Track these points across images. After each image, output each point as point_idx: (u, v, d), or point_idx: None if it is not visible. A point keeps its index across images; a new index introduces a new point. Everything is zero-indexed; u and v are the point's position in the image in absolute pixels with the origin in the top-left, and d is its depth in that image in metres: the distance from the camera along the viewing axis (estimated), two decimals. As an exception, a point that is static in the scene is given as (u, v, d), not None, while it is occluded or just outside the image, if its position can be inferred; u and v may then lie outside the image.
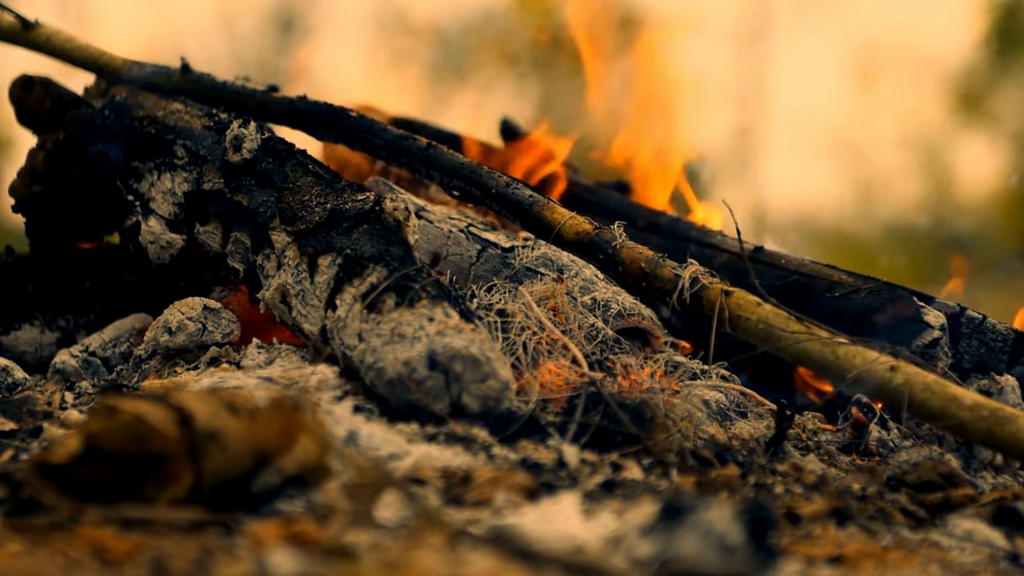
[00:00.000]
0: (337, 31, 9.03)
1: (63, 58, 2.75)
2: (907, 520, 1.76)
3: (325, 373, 1.98)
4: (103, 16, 7.53)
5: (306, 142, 2.50)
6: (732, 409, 2.20)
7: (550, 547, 1.38)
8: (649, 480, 1.79)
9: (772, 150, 9.17)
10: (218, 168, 2.35)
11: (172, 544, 1.31)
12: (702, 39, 6.95)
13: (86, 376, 2.39)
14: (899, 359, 1.93)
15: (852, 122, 9.72)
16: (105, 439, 1.40)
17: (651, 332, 2.36)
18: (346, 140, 2.54)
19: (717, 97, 5.74)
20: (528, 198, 2.35)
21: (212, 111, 2.51)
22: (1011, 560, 1.62)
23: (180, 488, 1.40)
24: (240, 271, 2.30)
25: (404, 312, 1.94)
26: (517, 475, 1.67)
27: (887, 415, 2.26)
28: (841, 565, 1.51)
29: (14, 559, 1.25)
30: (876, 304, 2.44)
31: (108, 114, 2.53)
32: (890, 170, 9.45)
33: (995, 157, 9.76)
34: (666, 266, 2.19)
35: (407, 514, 1.46)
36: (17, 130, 2.72)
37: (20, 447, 1.85)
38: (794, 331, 2.01)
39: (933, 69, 9.87)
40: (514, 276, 2.36)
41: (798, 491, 1.83)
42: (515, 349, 2.08)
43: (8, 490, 1.48)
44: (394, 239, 2.10)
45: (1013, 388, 2.35)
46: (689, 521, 1.31)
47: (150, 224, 2.41)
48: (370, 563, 1.29)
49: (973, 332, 2.46)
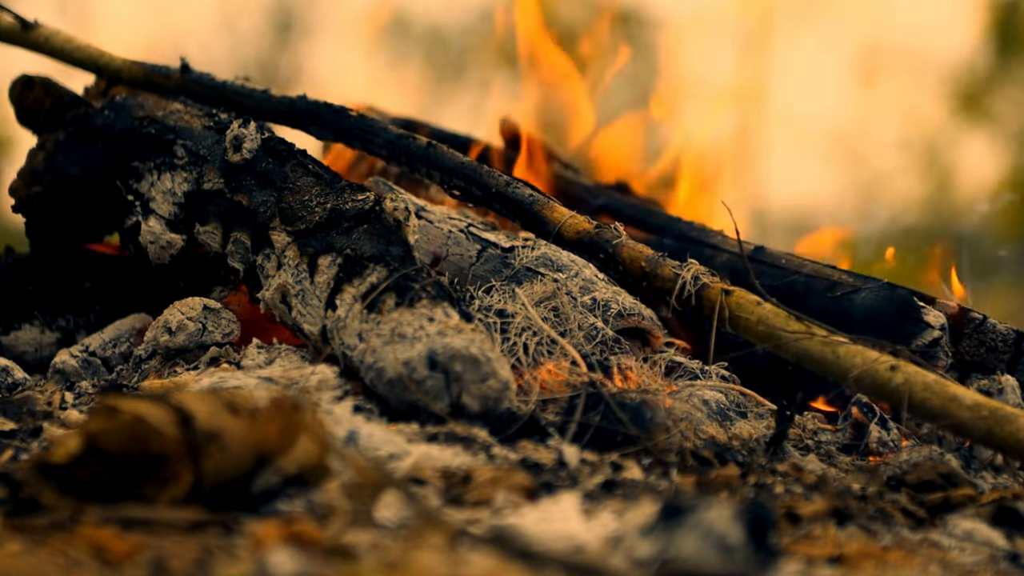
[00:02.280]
0: (337, 31, 9.03)
1: (62, 58, 2.75)
2: (907, 520, 1.76)
3: (325, 373, 1.98)
4: (103, 16, 7.53)
5: (306, 142, 2.50)
6: (732, 409, 2.20)
7: (550, 547, 1.38)
8: (649, 480, 1.79)
9: (772, 150, 9.17)
10: (218, 168, 2.35)
11: (172, 544, 1.31)
12: (702, 39, 6.94)
13: (86, 376, 2.39)
14: (899, 359, 1.93)
15: (852, 122, 9.72)
16: (105, 439, 1.40)
17: (651, 332, 2.36)
18: (346, 139, 2.55)
19: (717, 97, 5.73)
20: (528, 197, 2.35)
21: (212, 111, 2.51)
22: (1011, 560, 1.62)
23: (180, 488, 1.40)
24: (240, 271, 2.30)
25: (404, 312, 1.94)
26: (517, 475, 1.67)
27: (887, 415, 2.26)
28: (841, 565, 1.51)
29: (14, 559, 1.25)
30: (876, 304, 2.44)
31: (108, 114, 2.53)
32: (890, 170, 9.45)
33: (995, 157, 9.75)
34: (666, 265, 2.19)
35: (407, 514, 1.46)
36: (17, 130, 2.72)
37: (20, 447, 1.84)
38: (794, 331, 2.01)
39: (933, 69, 9.87)
40: (514, 276, 2.36)
41: (798, 491, 1.83)
42: (515, 350, 2.08)
43: (8, 490, 1.48)
44: (394, 239, 2.10)
45: (1013, 388, 2.35)
46: (689, 521, 1.31)
47: (150, 224, 2.41)
48: (370, 563, 1.28)
49: (973, 332, 2.46)
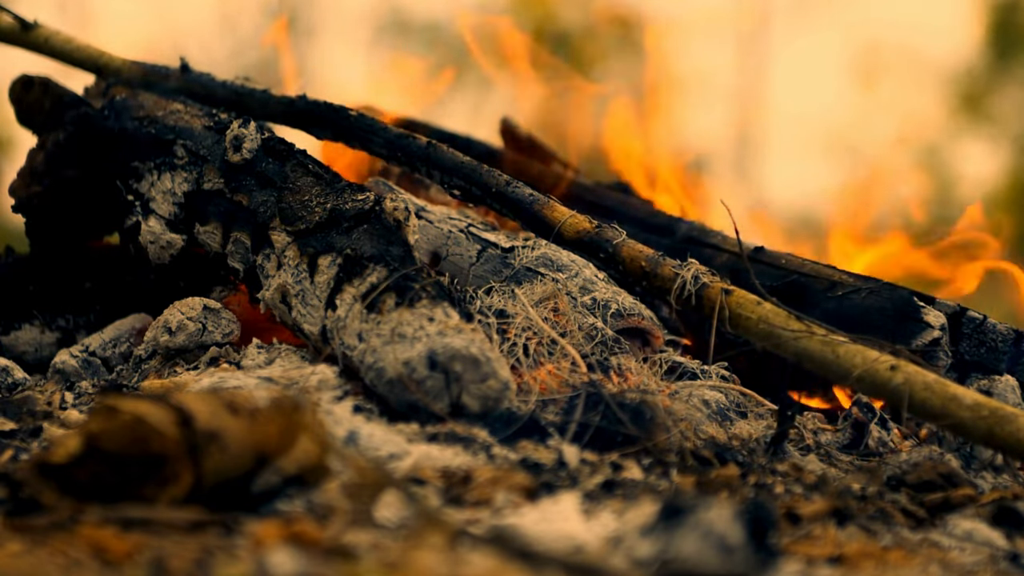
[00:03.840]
0: (337, 31, 9.03)
1: (62, 59, 2.75)
2: (907, 520, 1.75)
3: (325, 373, 1.98)
4: (103, 16, 7.53)
5: (306, 142, 2.50)
6: (732, 409, 2.20)
7: (550, 547, 1.38)
8: (649, 480, 1.78)
9: (772, 150, 9.16)
10: (218, 168, 2.35)
11: (172, 544, 1.31)
12: (702, 39, 6.94)
13: (86, 376, 2.39)
14: (899, 358, 1.93)
15: (852, 122, 9.72)
16: (105, 439, 1.40)
17: (651, 332, 2.36)
18: (345, 139, 2.54)
19: (717, 97, 5.71)
20: (528, 196, 2.35)
21: (212, 111, 2.51)
22: (1011, 560, 1.62)
23: (180, 488, 1.40)
24: (240, 271, 2.30)
25: (404, 312, 1.94)
26: (517, 475, 1.67)
27: (887, 415, 2.26)
28: (841, 565, 1.51)
29: (14, 559, 1.25)
30: (876, 304, 2.44)
31: (108, 114, 2.53)
32: (890, 170, 9.45)
33: (995, 157, 9.75)
34: (666, 265, 2.19)
35: (407, 514, 1.46)
36: (17, 130, 2.72)
37: (20, 447, 1.85)
38: (794, 330, 2.01)
39: (933, 69, 9.87)
40: (514, 276, 2.36)
41: (798, 491, 1.83)
42: (515, 350, 2.08)
43: (8, 490, 1.48)
44: (394, 239, 2.10)
45: (1013, 388, 2.35)
46: (689, 521, 1.31)
47: (150, 224, 2.41)
48: (370, 563, 1.28)
49: (973, 332, 2.45)
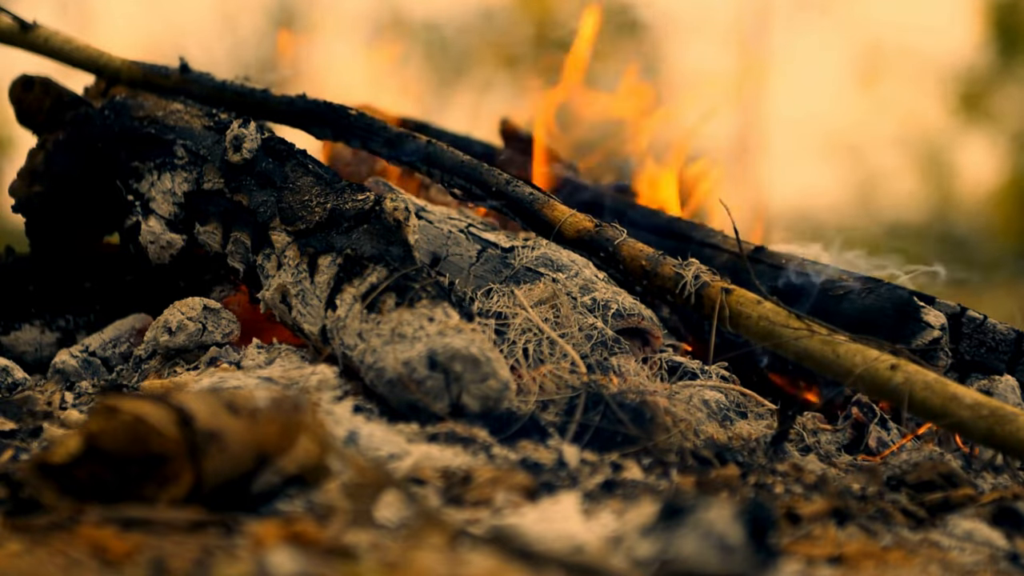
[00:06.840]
0: (337, 31, 9.03)
1: (62, 59, 2.75)
2: (907, 520, 1.75)
3: (325, 373, 1.98)
4: (103, 16, 7.53)
5: (306, 141, 2.50)
6: (732, 409, 2.20)
7: (550, 547, 1.38)
8: (649, 480, 1.78)
9: (772, 150, 9.16)
10: (218, 168, 2.35)
11: (172, 544, 1.31)
12: (702, 39, 6.95)
13: (86, 376, 2.39)
14: (899, 358, 1.93)
15: (853, 122, 9.72)
16: (105, 439, 1.40)
17: (651, 332, 2.36)
18: (345, 138, 2.55)
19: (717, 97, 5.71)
20: (528, 196, 2.35)
21: (212, 111, 2.51)
22: (1011, 560, 1.62)
23: (180, 488, 1.40)
24: (240, 271, 2.30)
25: (404, 312, 1.94)
26: (517, 475, 1.67)
27: (887, 415, 2.26)
28: (841, 565, 1.51)
29: (14, 559, 1.25)
30: (876, 304, 2.44)
31: (108, 114, 2.53)
32: (890, 170, 9.45)
33: (995, 157, 9.75)
34: (667, 264, 2.19)
35: (407, 514, 1.46)
36: (17, 130, 2.72)
37: (20, 447, 1.85)
38: (795, 329, 2.01)
39: (934, 69, 9.87)
40: (514, 276, 2.36)
41: (798, 491, 1.83)
42: (514, 351, 2.08)
43: (8, 490, 1.48)
44: (394, 239, 2.10)
45: (1013, 388, 2.35)
46: (689, 521, 1.31)
47: (150, 224, 2.41)
48: (370, 563, 1.29)
49: (974, 332, 2.45)
